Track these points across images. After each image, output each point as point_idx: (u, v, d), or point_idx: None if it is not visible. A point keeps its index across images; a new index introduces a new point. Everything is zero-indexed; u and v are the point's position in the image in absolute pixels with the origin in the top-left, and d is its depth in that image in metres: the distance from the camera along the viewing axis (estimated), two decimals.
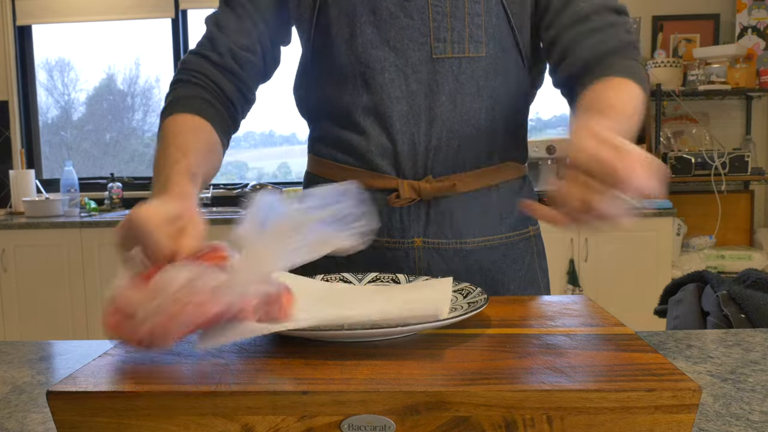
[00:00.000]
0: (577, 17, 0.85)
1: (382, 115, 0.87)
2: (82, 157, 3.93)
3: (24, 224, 3.06)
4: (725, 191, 3.25)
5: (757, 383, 0.65)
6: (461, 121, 0.87)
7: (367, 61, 0.87)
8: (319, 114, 0.96)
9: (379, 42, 0.86)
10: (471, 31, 0.85)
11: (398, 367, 0.49)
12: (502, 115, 0.90)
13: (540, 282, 0.98)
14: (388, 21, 0.86)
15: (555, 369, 0.48)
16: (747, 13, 3.42)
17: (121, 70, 3.88)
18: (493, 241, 0.92)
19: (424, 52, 0.86)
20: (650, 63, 3.36)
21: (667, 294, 1.50)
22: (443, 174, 0.89)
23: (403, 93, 0.87)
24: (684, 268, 3.09)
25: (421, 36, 0.86)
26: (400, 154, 0.88)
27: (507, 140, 0.92)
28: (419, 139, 0.87)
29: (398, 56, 0.86)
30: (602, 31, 0.84)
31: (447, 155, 0.88)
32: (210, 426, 0.45)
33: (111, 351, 0.55)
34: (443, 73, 0.86)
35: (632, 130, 0.72)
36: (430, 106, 0.87)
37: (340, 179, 0.86)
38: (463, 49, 0.86)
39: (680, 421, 0.44)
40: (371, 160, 0.89)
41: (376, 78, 0.87)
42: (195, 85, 0.87)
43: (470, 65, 0.86)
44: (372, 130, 0.88)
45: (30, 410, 0.61)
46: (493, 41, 0.87)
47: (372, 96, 0.87)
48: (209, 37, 0.90)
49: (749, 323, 1.16)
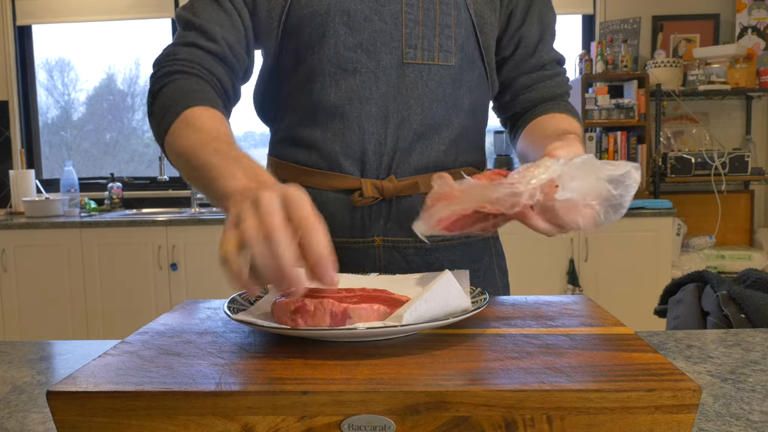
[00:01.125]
0: (537, 66, 0.98)
1: (351, 115, 0.89)
2: (82, 157, 3.93)
3: (24, 224, 3.06)
4: (725, 191, 3.25)
5: (757, 383, 0.65)
6: (427, 125, 0.90)
7: (338, 62, 0.88)
8: (284, 114, 0.95)
9: (352, 44, 0.87)
10: (441, 41, 0.89)
11: (398, 367, 0.49)
12: (464, 123, 0.94)
13: (498, 281, 1.01)
14: (362, 24, 0.87)
15: (555, 369, 0.48)
16: (747, 13, 3.42)
17: (121, 70, 3.88)
18: (453, 240, 0.94)
19: (396, 57, 0.88)
20: (650, 63, 3.36)
21: (667, 294, 1.50)
22: (406, 175, 0.91)
23: (373, 95, 0.88)
24: (684, 268, 3.10)
25: (393, 40, 0.88)
26: (366, 154, 0.89)
27: (468, 146, 0.96)
28: (385, 140, 0.89)
29: (370, 58, 0.88)
30: (553, 79, 0.99)
31: (411, 157, 0.90)
32: (210, 426, 0.45)
33: (111, 351, 0.55)
34: (412, 77, 0.89)
35: (581, 150, 0.84)
36: (398, 109, 0.89)
37: (299, 181, 0.83)
38: (433, 57, 0.89)
39: (680, 421, 0.44)
40: (335, 160, 0.90)
41: (348, 79, 0.88)
42: (193, 76, 0.83)
43: (439, 73, 0.90)
44: (339, 129, 0.89)
45: (30, 410, 0.61)
46: (462, 53, 0.91)
47: (341, 96, 0.88)
48: (198, 27, 0.86)
49: (749, 323, 1.16)
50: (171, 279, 3.07)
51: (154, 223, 3.05)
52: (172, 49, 0.86)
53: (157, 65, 0.86)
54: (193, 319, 0.65)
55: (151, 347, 0.56)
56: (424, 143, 0.91)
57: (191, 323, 0.64)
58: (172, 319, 0.65)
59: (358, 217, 0.91)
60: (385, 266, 0.92)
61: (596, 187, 0.58)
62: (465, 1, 0.90)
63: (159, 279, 3.07)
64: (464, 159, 0.95)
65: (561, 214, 0.61)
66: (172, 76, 0.83)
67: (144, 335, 0.60)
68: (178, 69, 0.83)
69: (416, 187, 0.90)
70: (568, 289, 3.03)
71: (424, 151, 0.91)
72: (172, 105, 0.78)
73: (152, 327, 0.62)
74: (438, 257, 0.93)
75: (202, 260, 3.06)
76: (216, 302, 0.73)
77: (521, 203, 0.58)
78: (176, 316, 0.67)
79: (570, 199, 0.58)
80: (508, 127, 1.04)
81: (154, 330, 0.61)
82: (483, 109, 0.99)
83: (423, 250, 0.92)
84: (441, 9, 0.88)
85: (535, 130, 0.92)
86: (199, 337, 0.59)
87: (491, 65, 0.97)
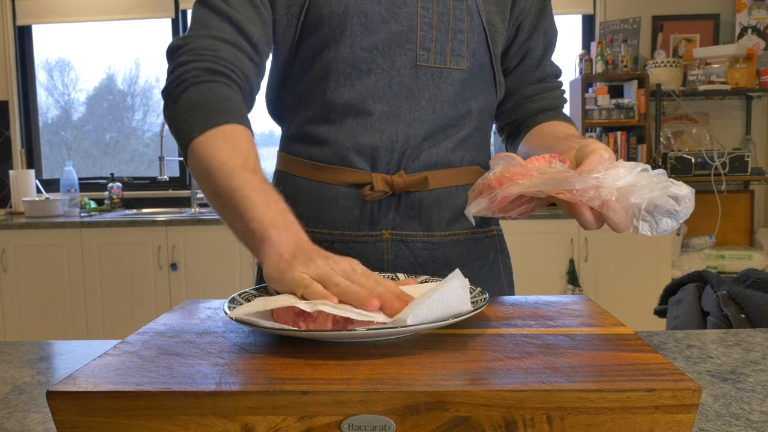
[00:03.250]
0: (540, 77, 1.03)
1: (364, 113, 0.90)
2: (82, 157, 3.94)
3: (24, 224, 3.06)
4: (725, 191, 3.25)
5: (757, 383, 0.65)
6: (437, 126, 0.92)
7: (354, 62, 0.89)
8: (297, 111, 0.96)
9: (368, 44, 0.89)
10: (454, 45, 0.91)
11: (398, 367, 0.49)
12: (472, 125, 0.96)
13: (503, 279, 1.02)
14: (378, 25, 0.88)
15: (555, 369, 0.48)
16: (747, 13, 3.42)
17: (121, 70, 3.88)
18: (459, 236, 0.96)
19: (410, 59, 0.89)
20: (650, 63, 3.36)
21: (667, 294, 1.50)
22: (415, 171, 0.92)
23: (386, 94, 0.90)
24: (684, 268, 3.10)
25: (407, 42, 0.89)
26: (377, 151, 0.91)
27: (474, 147, 0.98)
28: (397, 137, 0.91)
29: (384, 59, 0.89)
30: (553, 91, 1.04)
31: (420, 155, 0.92)
32: (210, 426, 0.45)
33: (111, 351, 0.55)
34: (425, 79, 0.90)
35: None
36: (410, 109, 0.91)
37: (311, 176, 0.93)
38: (445, 60, 0.91)
39: (680, 421, 0.44)
40: (346, 156, 0.91)
41: (362, 78, 0.89)
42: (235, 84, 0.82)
43: (450, 76, 0.91)
44: (351, 127, 0.90)
45: (30, 410, 0.61)
46: (473, 58, 0.93)
47: (355, 95, 0.90)
48: (236, 24, 0.84)
49: (749, 323, 1.16)
50: (171, 279, 3.07)
51: (154, 223, 3.05)
52: (212, 43, 0.82)
53: (193, 53, 0.81)
54: (193, 319, 0.65)
55: (151, 347, 0.56)
56: (433, 142, 0.92)
57: (191, 323, 0.64)
58: (172, 319, 0.65)
59: (368, 211, 0.92)
60: (393, 260, 0.93)
61: (662, 201, 0.63)
62: (478, 8, 0.92)
63: (159, 279, 3.07)
64: (471, 158, 0.97)
65: (620, 217, 0.63)
66: (214, 75, 0.80)
67: (144, 335, 0.60)
68: (221, 71, 0.81)
69: (425, 182, 0.91)
70: (568, 289, 3.03)
71: (433, 149, 0.93)
72: (210, 111, 0.77)
73: (152, 327, 0.62)
74: (444, 252, 0.95)
75: (202, 260, 3.06)
76: (216, 302, 0.73)
77: (602, 198, 0.62)
78: (176, 316, 0.67)
79: (636, 204, 0.62)
80: (505, 134, 1.09)
81: (154, 330, 0.61)
82: (490, 112, 1.01)
83: (430, 244, 0.94)
84: (455, 14, 0.90)
85: (543, 133, 0.96)
86: (199, 337, 0.59)
87: (500, 72, 0.99)
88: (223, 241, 3.04)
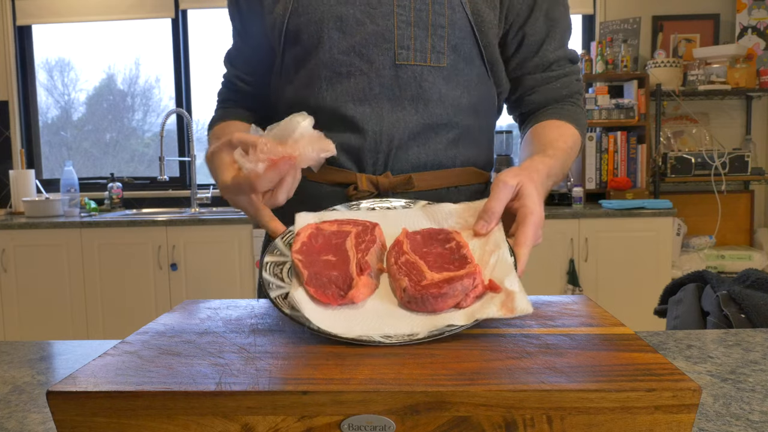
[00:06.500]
0: (542, 65, 0.98)
1: (346, 116, 0.91)
2: (82, 157, 3.93)
3: (24, 224, 3.06)
4: (725, 191, 3.25)
5: (757, 383, 0.65)
6: (423, 125, 0.91)
7: (333, 66, 0.90)
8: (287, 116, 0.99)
9: (345, 47, 0.89)
10: (433, 41, 0.89)
11: (398, 367, 0.49)
12: (466, 122, 0.94)
13: None
14: (354, 27, 0.89)
15: (555, 369, 0.48)
16: (747, 13, 3.42)
17: (121, 70, 3.88)
18: None
19: (388, 58, 0.89)
20: (650, 63, 3.36)
21: (667, 294, 1.50)
22: (402, 172, 0.92)
23: (367, 96, 0.90)
24: (684, 268, 3.10)
25: (385, 42, 0.89)
26: (362, 152, 0.91)
27: (471, 145, 0.96)
28: (381, 138, 0.91)
29: (363, 61, 0.89)
30: (559, 80, 0.98)
31: (408, 155, 0.92)
32: (210, 426, 0.45)
33: (111, 351, 0.55)
34: (406, 78, 0.90)
35: (567, 163, 0.89)
36: (392, 109, 0.90)
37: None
38: (425, 58, 0.90)
39: (680, 421, 0.44)
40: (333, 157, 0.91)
41: (342, 82, 0.90)
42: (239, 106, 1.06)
43: (431, 74, 0.90)
44: (336, 129, 0.91)
45: (30, 410, 0.61)
46: (455, 53, 0.91)
47: (336, 99, 0.91)
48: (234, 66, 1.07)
49: (749, 323, 1.16)
50: (171, 279, 3.07)
51: (154, 223, 3.05)
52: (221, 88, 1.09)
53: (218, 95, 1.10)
54: (193, 319, 0.65)
55: (151, 347, 0.56)
56: (420, 142, 0.92)
57: (191, 323, 0.64)
58: (172, 319, 0.65)
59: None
60: None
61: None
62: (461, 0, 0.90)
63: (159, 279, 3.07)
64: (465, 158, 0.96)
65: None
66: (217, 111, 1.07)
67: (144, 335, 0.60)
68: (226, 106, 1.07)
69: (410, 182, 0.91)
70: (568, 289, 3.03)
71: (421, 149, 0.92)
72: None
73: (152, 327, 0.62)
74: None
75: (202, 260, 3.06)
76: (216, 302, 0.73)
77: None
78: (176, 316, 0.67)
79: None
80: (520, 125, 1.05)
81: (154, 330, 0.61)
82: (488, 107, 0.98)
83: None
84: (434, 9, 0.89)
85: (531, 141, 0.93)
86: (199, 337, 0.59)
87: (494, 63, 0.96)
88: (223, 241, 3.04)
